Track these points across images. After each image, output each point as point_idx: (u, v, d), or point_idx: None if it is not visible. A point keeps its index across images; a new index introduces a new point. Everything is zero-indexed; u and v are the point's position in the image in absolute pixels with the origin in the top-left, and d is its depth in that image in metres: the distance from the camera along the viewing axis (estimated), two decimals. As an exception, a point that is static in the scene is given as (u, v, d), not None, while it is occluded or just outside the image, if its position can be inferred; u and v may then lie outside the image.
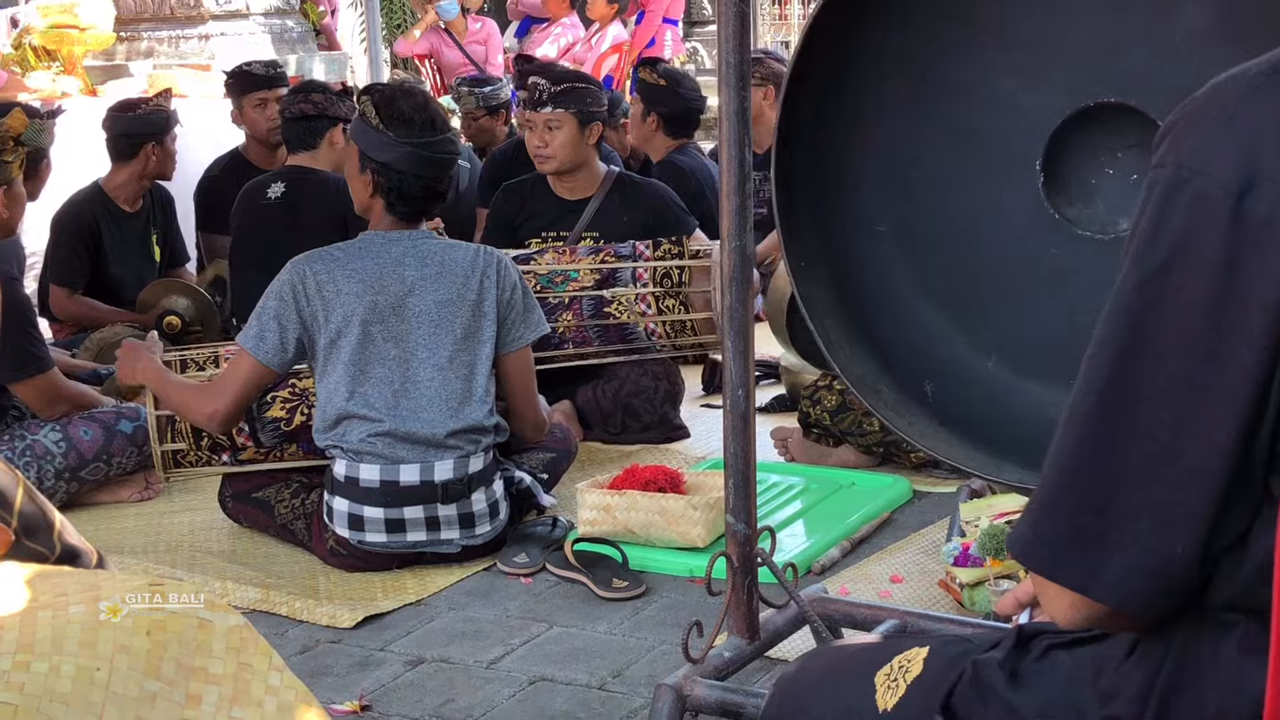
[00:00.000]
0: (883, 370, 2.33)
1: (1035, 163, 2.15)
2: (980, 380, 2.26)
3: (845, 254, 2.37)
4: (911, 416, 2.29)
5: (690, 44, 12.44)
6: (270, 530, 3.84)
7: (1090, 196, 2.15)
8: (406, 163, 3.55)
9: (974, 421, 2.24)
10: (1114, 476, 1.14)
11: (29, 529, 1.64)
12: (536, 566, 3.56)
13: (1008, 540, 1.22)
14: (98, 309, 5.45)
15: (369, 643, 3.19)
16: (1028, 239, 2.21)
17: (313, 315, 3.53)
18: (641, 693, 2.87)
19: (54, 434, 4.06)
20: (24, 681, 1.30)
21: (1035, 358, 2.22)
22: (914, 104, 2.29)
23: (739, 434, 2.54)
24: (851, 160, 2.35)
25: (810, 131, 2.33)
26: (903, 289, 2.33)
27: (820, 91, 2.30)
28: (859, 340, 2.35)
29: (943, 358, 2.30)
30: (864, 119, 2.33)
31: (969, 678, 1.36)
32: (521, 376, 3.75)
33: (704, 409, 5.03)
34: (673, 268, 4.54)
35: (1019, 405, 2.20)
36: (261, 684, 1.41)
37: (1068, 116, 2.12)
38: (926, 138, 2.29)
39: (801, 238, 2.36)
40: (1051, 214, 2.17)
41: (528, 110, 4.78)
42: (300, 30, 9.41)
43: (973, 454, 2.19)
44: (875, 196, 2.35)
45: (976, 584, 3.02)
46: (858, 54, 2.28)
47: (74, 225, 5.47)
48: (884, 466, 4.20)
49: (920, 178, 2.31)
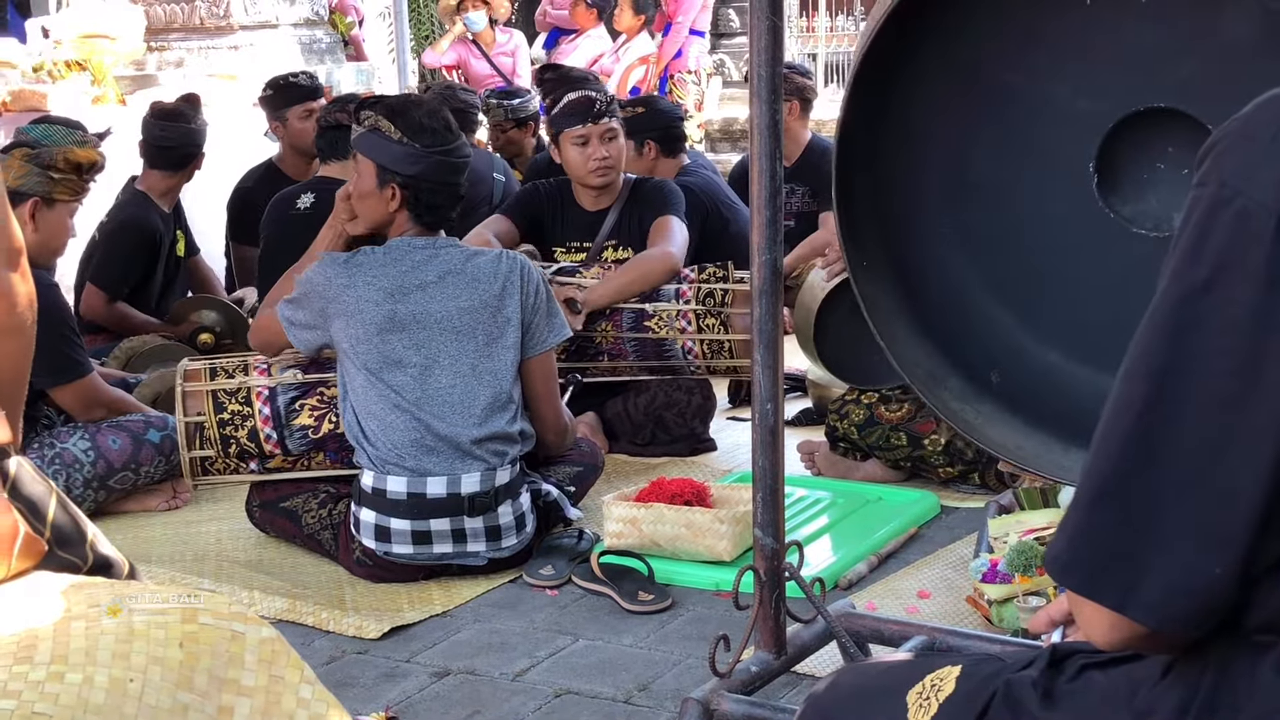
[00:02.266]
0: (951, 363, 2.40)
1: (1089, 164, 2.22)
2: (1044, 370, 2.35)
3: (907, 254, 2.44)
4: (979, 405, 2.37)
5: (717, 56, 12.44)
6: (297, 540, 3.85)
7: (1143, 193, 2.23)
8: (435, 172, 3.57)
9: (1039, 408, 2.33)
10: (1153, 496, 1.14)
11: (62, 539, 1.65)
12: (562, 579, 3.56)
13: (1044, 559, 1.21)
14: (130, 317, 5.44)
15: (395, 654, 3.19)
16: (1084, 237, 2.28)
17: (332, 316, 3.57)
18: (667, 706, 2.86)
19: (83, 442, 4.08)
20: (58, 692, 1.30)
21: (1096, 348, 2.29)
22: (970, 110, 2.35)
23: (767, 448, 2.54)
24: (911, 164, 2.40)
25: (871, 134, 2.38)
26: (965, 285, 2.41)
27: (881, 95, 2.35)
28: (926, 336, 2.42)
29: (1007, 349, 2.38)
30: (923, 124, 2.38)
31: (1002, 697, 1.35)
32: (544, 380, 3.75)
33: (730, 421, 5.02)
34: (716, 289, 4.54)
35: (1081, 392, 2.27)
36: (293, 696, 1.41)
37: (1119, 120, 2.19)
38: (983, 142, 2.35)
39: (863, 240, 2.42)
40: (1106, 213, 2.24)
41: (586, 124, 4.72)
42: (329, 41, 9.46)
43: (1045, 439, 2.28)
44: (935, 199, 2.41)
45: (1005, 600, 3.00)
46: (917, 62, 2.33)
47: (138, 234, 5.45)
48: (911, 481, 4.18)
49: (978, 180, 2.38)
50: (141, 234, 5.46)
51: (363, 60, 10.25)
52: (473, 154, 6.28)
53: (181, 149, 5.52)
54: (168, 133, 5.50)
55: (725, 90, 11.86)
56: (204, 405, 3.84)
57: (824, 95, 9.28)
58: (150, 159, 5.57)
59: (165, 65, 8.71)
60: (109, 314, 5.43)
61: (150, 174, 5.57)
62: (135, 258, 5.45)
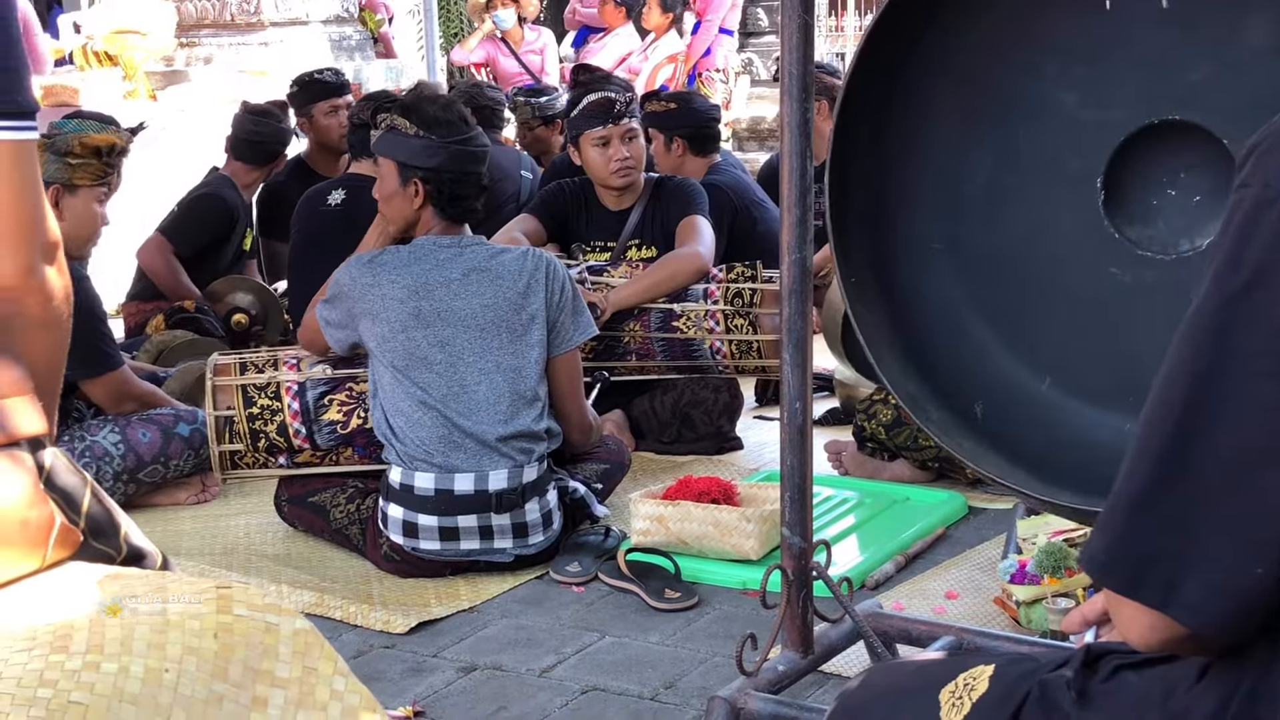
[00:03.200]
0: (933, 391, 2.28)
1: (1096, 180, 2.11)
2: (1033, 403, 2.21)
3: (898, 271, 2.33)
4: (961, 439, 2.23)
5: (745, 55, 12.43)
6: (325, 535, 3.86)
7: (1152, 217, 2.10)
8: (455, 162, 3.58)
9: (1025, 445, 2.19)
10: (1195, 497, 1.13)
11: (97, 531, 1.66)
12: (589, 576, 3.57)
13: (1082, 559, 1.21)
14: (178, 278, 5.57)
15: (422, 649, 3.20)
16: (1086, 258, 2.15)
17: (360, 315, 3.60)
18: (694, 704, 2.86)
19: (113, 435, 4.10)
20: (94, 681, 1.31)
21: (1092, 380, 2.17)
22: (971, 120, 2.25)
23: (796, 447, 2.54)
24: (906, 177, 2.31)
25: (865, 147, 2.29)
26: (956, 307, 2.29)
27: (875, 107, 2.27)
28: (910, 359, 2.30)
29: (994, 379, 2.25)
30: (920, 135, 2.29)
31: (1036, 697, 1.35)
32: (569, 379, 3.76)
33: (758, 420, 5.02)
34: (745, 289, 4.54)
35: (1073, 429, 2.15)
36: (326, 688, 1.41)
37: (1130, 134, 2.08)
38: (983, 154, 2.25)
39: (854, 254, 2.32)
40: (1112, 233, 2.12)
41: (607, 125, 4.71)
42: (359, 38, 9.49)
43: (1026, 479, 2.15)
44: (930, 213, 2.31)
45: (1033, 602, 3.00)
46: (914, 69, 2.25)
47: (219, 204, 5.63)
48: (939, 482, 4.17)
49: (976, 195, 2.27)
50: (220, 205, 5.64)
51: (392, 57, 10.27)
52: (499, 151, 6.35)
53: (268, 145, 5.75)
54: (260, 128, 5.72)
55: (753, 89, 11.85)
56: (233, 400, 3.85)
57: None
58: (236, 151, 5.76)
59: (195, 61, 8.76)
60: (162, 264, 5.57)
61: (234, 165, 5.78)
62: (207, 224, 5.63)
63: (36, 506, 1.53)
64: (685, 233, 4.67)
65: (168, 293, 5.55)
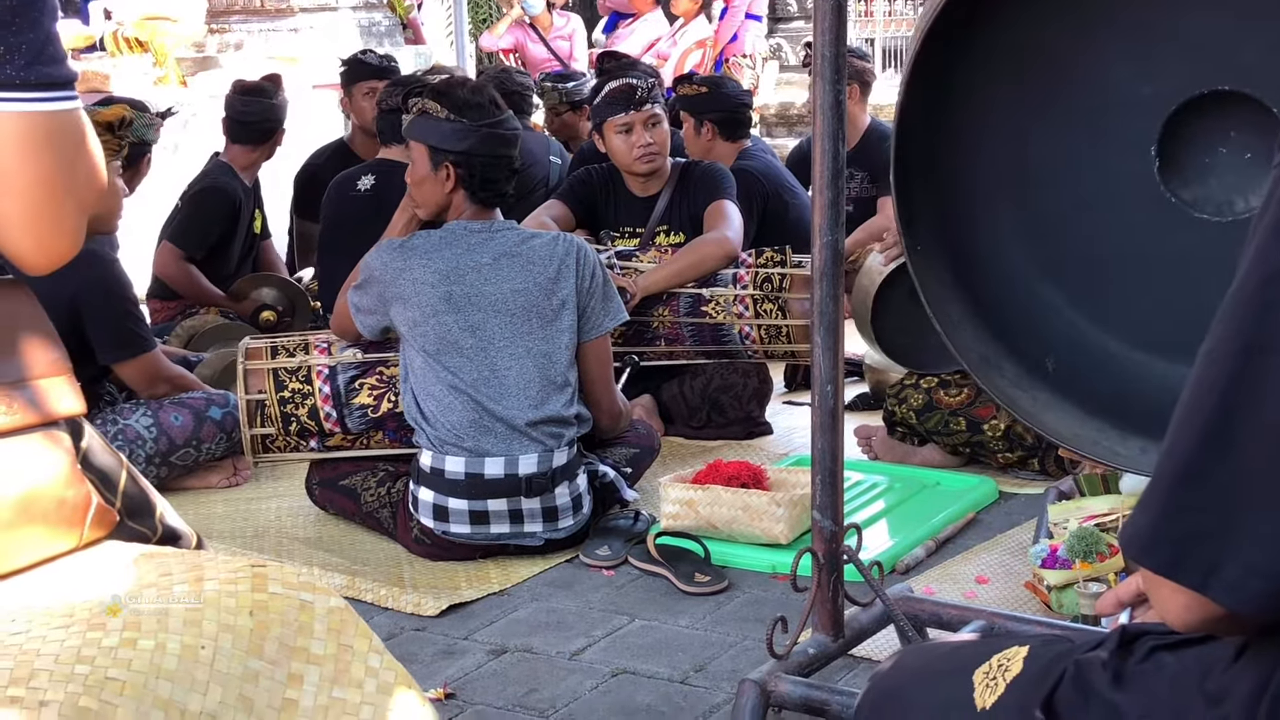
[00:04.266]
0: (1006, 349, 2.37)
1: (1150, 148, 2.19)
2: (1102, 356, 2.30)
3: (963, 237, 2.41)
4: (1035, 392, 2.33)
5: (774, 40, 12.39)
6: (356, 518, 3.88)
7: (1205, 177, 2.19)
8: (486, 145, 3.58)
9: (1099, 395, 2.29)
10: (1237, 476, 1.12)
11: (132, 510, 1.67)
12: (619, 559, 3.57)
13: (1121, 539, 1.20)
14: (198, 281, 5.51)
15: (453, 631, 3.21)
16: (1145, 221, 2.24)
17: (390, 300, 3.60)
18: (724, 687, 2.86)
19: (145, 419, 4.13)
20: (131, 658, 1.32)
21: (1157, 335, 2.25)
22: (1030, 92, 2.32)
23: (827, 430, 2.53)
24: (970, 147, 2.37)
25: (929, 119, 2.35)
26: (1021, 269, 2.37)
27: (939, 80, 2.32)
28: (980, 321, 2.39)
29: (1064, 335, 2.34)
30: (982, 106, 2.35)
31: (1071, 678, 1.34)
32: (599, 364, 3.76)
33: (787, 405, 5.02)
34: (774, 274, 4.53)
35: (1142, 380, 2.24)
36: (362, 665, 1.42)
37: (1182, 104, 2.15)
38: (1042, 124, 2.32)
39: (918, 224, 2.39)
40: (1168, 197, 2.20)
41: (630, 112, 4.70)
42: (388, 24, 9.50)
43: (1101, 426, 2.22)
44: (993, 181, 2.38)
45: (1065, 586, 2.98)
46: (976, 44, 2.30)
47: (220, 198, 5.54)
48: (970, 467, 4.16)
49: (1037, 163, 2.34)
50: (222, 198, 5.55)
51: (421, 43, 10.27)
52: (528, 137, 6.34)
53: (262, 124, 5.63)
54: (249, 108, 5.62)
55: (781, 75, 11.80)
56: (265, 383, 3.87)
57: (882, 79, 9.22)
58: (232, 134, 5.68)
59: (225, 47, 8.79)
60: (179, 272, 5.49)
61: (232, 148, 5.68)
62: (214, 221, 5.54)
63: (73, 486, 1.54)
64: (713, 217, 4.66)
65: (190, 299, 5.52)
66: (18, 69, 1.45)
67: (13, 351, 1.52)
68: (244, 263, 5.79)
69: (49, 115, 1.48)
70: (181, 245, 5.49)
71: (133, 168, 4.93)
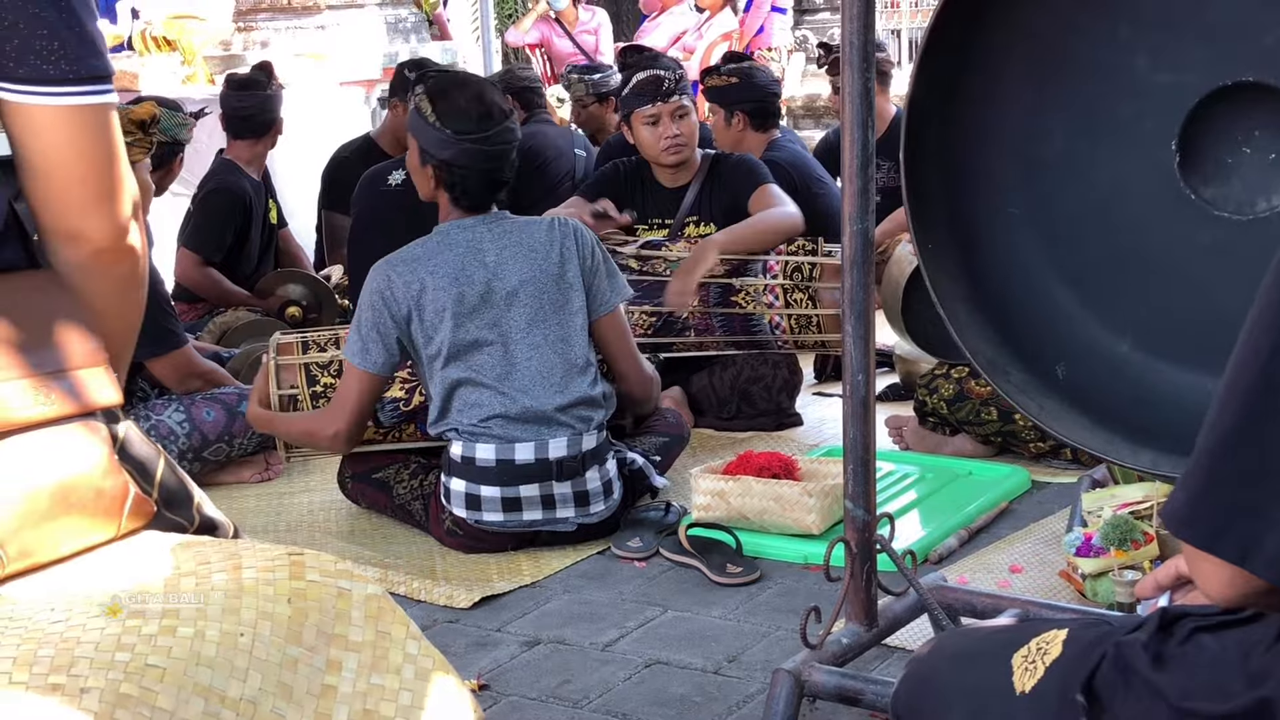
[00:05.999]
0: (1013, 354, 2.31)
1: (1170, 142, 2.12)
2: (1114, 363, 2.23)
3: (975, 236, 2.35)
4: (1042, 399, 2.26)
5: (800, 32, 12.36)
6: (388, 511, 3.89)
7: (1227, 176, 2.10)
8: (465, 158, 3.55)
9: (1107, 405, 2.21)
10: (1276, 449, 1.12)
11: (170, 501, 1.68)
12: (650, 551, 3.57)
13: (1163, 514, 1.20)
14: (221, 283, 5.52)
15: (486, 623, 3.22)
16: (1162, 220, 2.17)
17: (405, 317, 3.55)
18: (757, 678, 2.86)
19: (178, 414, 4.15)
20: (170, 645, 1.33)
21: (1172, 339, 2.18)
22: (1045, 85, 2.26)
23: (859, 419, 2.53)
24: (982, 143, 2.32)
25: (940, 114, 2.31)
26: (1034, 270, 2.31)
27: (950, 73, 2.28)
28: (988, 323, 2.33)
29: (1075, 340, 2.27)
30: (994, 100, 2.30)
31: (1112, 659, 1.34)
32: (618, 338, 3.76)
33: (817, 397, 5.01)
34: (804, 263, 4.52)
35: (1154, 388, 2.18)
36: (399, 652, 1.43)
37: (1204, 96, 2.08)
38: (1058, 119, 2.26)
39: (929, 220, 2.34)
40: (1187, 194, 2.13)
41: (656, 103, 4.69)
42: (414, 20, 9.51)
43: (1110, 438, 2.16)
44: (1006, 178, 2.32)
45: (1100, 574, 2.97)
46: (989, 36, 2.26)
47: (228, 198, 5.54)
48: (1002, 456, 4.15)
49: (1051, 159, 2.28)
50: (231, 197, 5.54)
51: (447, 39, 10.29)
52: (553, 130, 6.36)
53: (260, 116, 5.62)
54: (245, 102, 5.61)
55: (807, 67, 11.77)
56: (297, 378, 3.89)
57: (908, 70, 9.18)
58: (233, 129, 5.68)
59: (252, 45, 8.81)
60: (201, 277, 5.50)
61: (235, 144, 5.68)
62: (227, 221, 5.53)
63: (111, 476, 1.55)
64: (765, 200, 4.66)
65: (216, 303, 5.53)
66: (70, 63, 1.53)
67: (51, 342, 1.53)
68: (265, 255, 5.79)
69: (98, 107, 1.57)
70: (198, 250, 5.50)
71: (164, 167, 4.95)
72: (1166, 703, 1.27)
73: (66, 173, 1.56)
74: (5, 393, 1.47)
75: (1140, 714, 1.30)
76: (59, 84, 1.53)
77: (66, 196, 1.57)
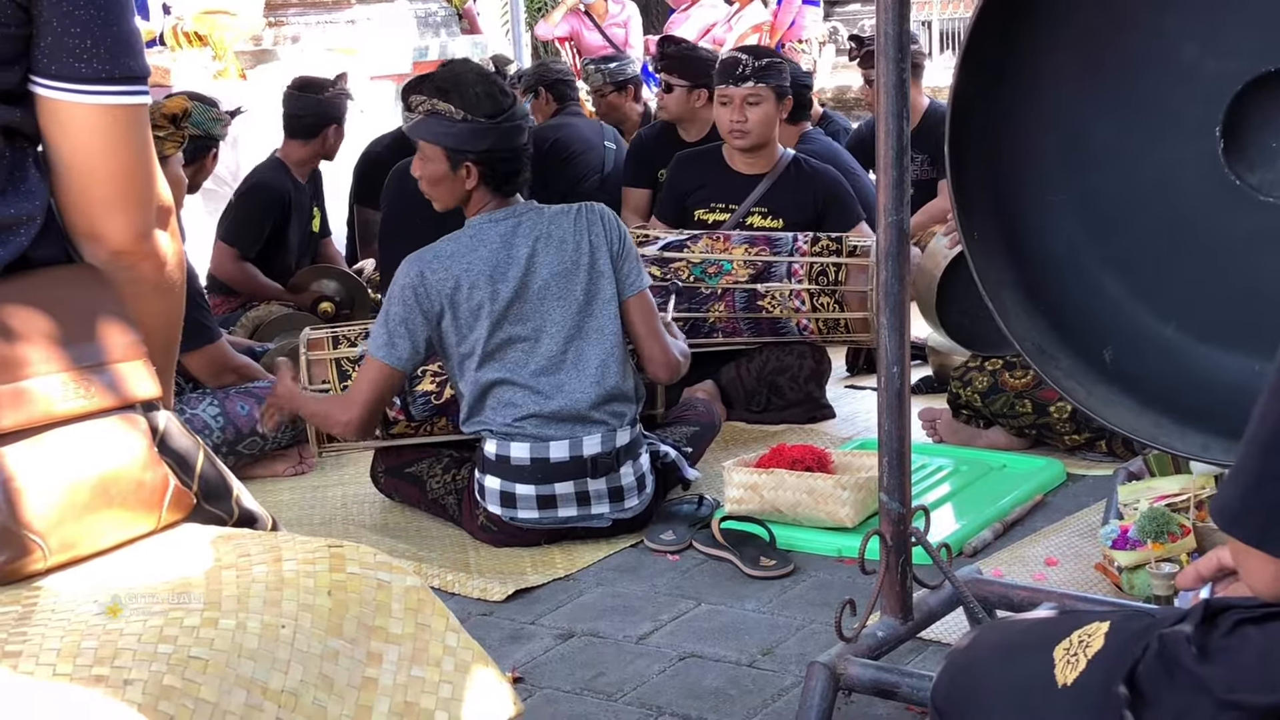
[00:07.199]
0: (1061, 340, 2.32)
1: (1215, 129, 2.12)
2: (1161, 347, 2.24)
3: (1020, 224, 2.36)
4: (1091, 385, 2.28)
5: (831, 23, 12.32)
6: (421, 505, 3.90)
7: (1271, 160, 2.11)
8: (505, 140, 3.54)
9: (1156, 389, 2.22)
10: None
11: (209, 493, 1.68)
12: (683, 544, 3.57)
13: (1211, 509, 1.19)
14: (255, 278, 5.54)
15: (520, 616, 3.22)
16: (1208, 205, 2.18)
17: (438, 314, 3.52)
18: (792, 671, 2.86)
19: (212, 409, 4.17)
20: (213, 637, 1.34)
21: (1219, 324, 2.19)
22: (1090, 73, 2.26)
23: (893, 411, 2.52)
24: (1027, 131, 2.33)
25: (985, 103, 2.31)
26: (1080, 256, 2.32)
27: (995, 63, 2.28)
28: (1036, 310, 2.34)
29: (1122, 325, 2.28)
30: (1039, 90, 2.30)
31: (1155, 652, 1.33)
32: (645, 319, 3.70)
33: (849, 390, 4.99)
34: (829, 265, 4.51)
35: (1202, 372, 2.18)
36: (439, 644, 1.43)
37: (1248, 82, 2.09)
38: (1103, 106, 2.26)
39: (974, 210, 2.35)
40: (1232, 180, 2.14)
41: (729, 85, 4.73)
42: (444, 15, 9.53)
43: (1158, 420, 2.16)
44: (1051, 167, 2.33)
45: (1136, 567, 2.95)
46: (1032, 25, 2.26)
47: (268, 194, 5.57)
48: (1036, 449, 4.13)
49: (1097, 146, 2.28)
50: (269, 194, 5.57)
51: (477, 34, 10.30)
52: (583, 123, 6.36)
53: (308, 119, 5.64)
54: (300, 103, 5.66)
55: (838, 59, 11.73)
56: (328, 373, 3.90)
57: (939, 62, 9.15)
58: (287, 128, 5.72)
59: (283, 40, 8.83)
60: (235, 271, 5.52)
61: (288, 144, 5.72)
62: (262, 217, 5.55)
63: (151, 469, 1.55)
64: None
65: (250, 297, 5.56)
66: (104, 63, 1.53)
67: (90, 336, 1.54)
68: (303, 260, 5.81)
69: (129, 108, 1.57)
70: (234, 244, 5.53)
71: (197, 162, 4.97)
72: (1211, 695, 1.26)
73: (91, 171, 1.55)
74: (45, 386, 1.48)
75: (1184, 706, 1.29)
76: (91, 82, 1.53)
77: (89, 195, 1.57)
